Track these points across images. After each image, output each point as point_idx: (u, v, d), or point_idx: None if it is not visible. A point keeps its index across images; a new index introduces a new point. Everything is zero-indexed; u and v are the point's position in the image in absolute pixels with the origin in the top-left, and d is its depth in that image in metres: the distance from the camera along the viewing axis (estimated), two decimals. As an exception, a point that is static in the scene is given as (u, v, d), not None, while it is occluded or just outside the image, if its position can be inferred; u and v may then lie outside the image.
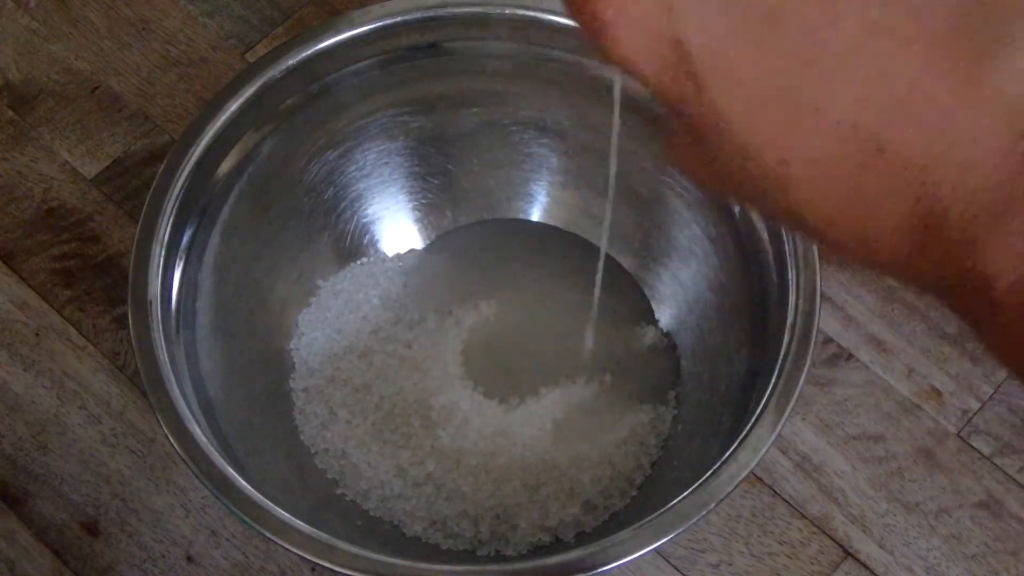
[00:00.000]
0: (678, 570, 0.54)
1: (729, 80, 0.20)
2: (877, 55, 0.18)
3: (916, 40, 0.18)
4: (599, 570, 0.42)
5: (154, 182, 0.49)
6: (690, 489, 0.43)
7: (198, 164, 0.50)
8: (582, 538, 0.52)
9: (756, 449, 0.44)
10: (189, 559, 0.55)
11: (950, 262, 0.19)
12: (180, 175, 0.49)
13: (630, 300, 0.58)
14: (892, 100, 0.18)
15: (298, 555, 0.42)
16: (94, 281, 0.61)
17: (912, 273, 0.20)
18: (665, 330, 0.57)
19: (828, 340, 0.59)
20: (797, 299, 0.46)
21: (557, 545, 0.52)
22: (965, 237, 0.18)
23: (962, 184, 0.18)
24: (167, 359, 0.46)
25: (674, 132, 0.22)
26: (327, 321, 0.57)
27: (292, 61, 0.52)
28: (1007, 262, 0.18)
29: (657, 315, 0.58)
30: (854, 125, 0.19)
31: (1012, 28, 0.18)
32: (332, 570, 0.42)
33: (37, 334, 0.59)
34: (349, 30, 0.52)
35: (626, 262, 0.59)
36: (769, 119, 0.19)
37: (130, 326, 0.46)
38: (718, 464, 0.44)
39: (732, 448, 0.44)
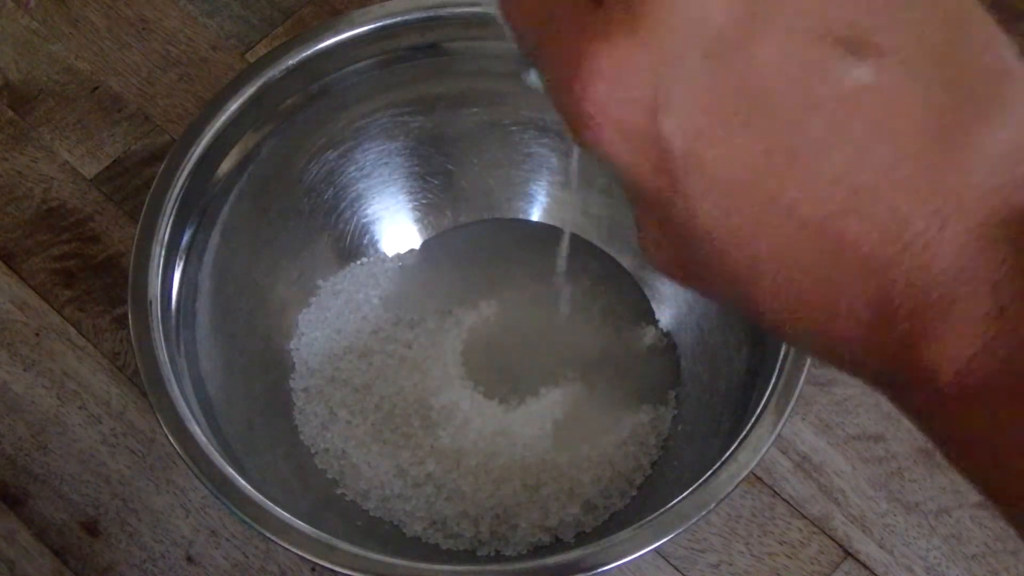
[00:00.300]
0: (678, 570, 0.54)
1: (705, 178, 0.20)
2: (844, 158, 0.19)
3: (875, 147, 0.19)
4: (599, 570, 0.42)
5: (154, 182, 0.49)
6: (690, 489, 0.43)
7: (198, 164, 0.50)
8: (582, 538, 0.52)
9: (756, 449, 0.44)
10: (189, 559, 0.55)
11: (902, 352, 0.20)
12: (180, 175, 0.49)
13: (630, 300, 0.58)
14: (855, 202, 0.19)
15: (298, 555, 0.42)
16: (94, 281, 0.61)
17: (865, 363, 0.21)
18: (665, 330, 0.57)
19: (828, 340, 0.59)
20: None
21: (557, 545, 0.52)
22: (915, 329, 0.20)
23: (914, 281, 0.19)
24: (167, 359, 0.46)
25: (646, 227, 0.23)
26: (327, 321, 0.57)
27: (292, 61, 0.52)
28: (950, 352, 0.19)
29: (657, 315, 0.58)
30: (821, 221, 0.20)
31: (978, 127, 0.19)
32: (332, 570, 0.42)
33: (37, 334, 0.59)
34: (349, 30, 0.52)
35: (626, 262, 0.59)
36: (741, 216, 0.20)
37: (130, 326, 0.46)
38: (718, 464, 0.44)
39: (732, 448, 0.44)
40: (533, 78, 0.24)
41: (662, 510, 0.43)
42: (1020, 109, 0.19)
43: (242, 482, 0.43)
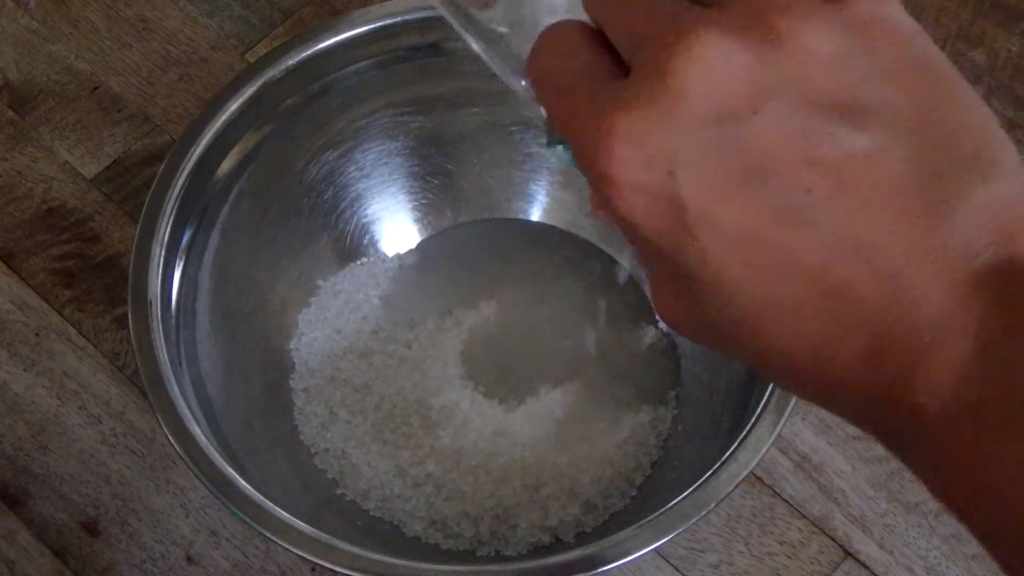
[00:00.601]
0: (678, 570, 0.54)
1: (717, 233, 0.22)
2: (842, 213, 0.21)
3: (873, 203, 0.21)
4: (599, 570, 0.42)
5: (154, 182, 0.49)
6: (690, 489, 0.43)
7: (198, 164, 0.50)
8: (582, 538, 0.52)
9: (756, 449, 0.44)
10: (189, 559, 0.55)
11: (892, 391, 0.22)
12: (180, 175, 0.49)
13: (630, 300, 0.58)
14: (854, 252, 0.21)
15: (298, 555, 0.42)
16: (94, 281, 0.61)
17: (857, 404, 0.23)
18: (665, 330, 0.57)
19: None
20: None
21: (557, 545, 0.52)
22: (905, 371, 0.21)
23: (906, 324, 0.21)
24: (167, 359, 0.46)
25: (660, 285, 0.25)
26: (327, 321, 0.57)
27: (292, 61, 0.52)
28: (937, 392, 0.21)
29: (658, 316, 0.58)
30: (822, 270, 0.22)
31: (963, 186, 0.21)
32: (332, 570, 0.42)
33: (37, 334, 0.59)
34: (349, 30, 0.52)
35: (626, 261, 0.59)
36: (750, 267, 0.22)
37: (130, 326, 0.46)
38: (718, 464, 0.44)
39: (732, 448, 0.44)
40: (560, 152, 0.27)
41: (662, 510, 0.43)
42: (1001, 168, 0.21)
43: (242, 482, 0.43)
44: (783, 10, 0.22)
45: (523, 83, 0.28)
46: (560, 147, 0.27)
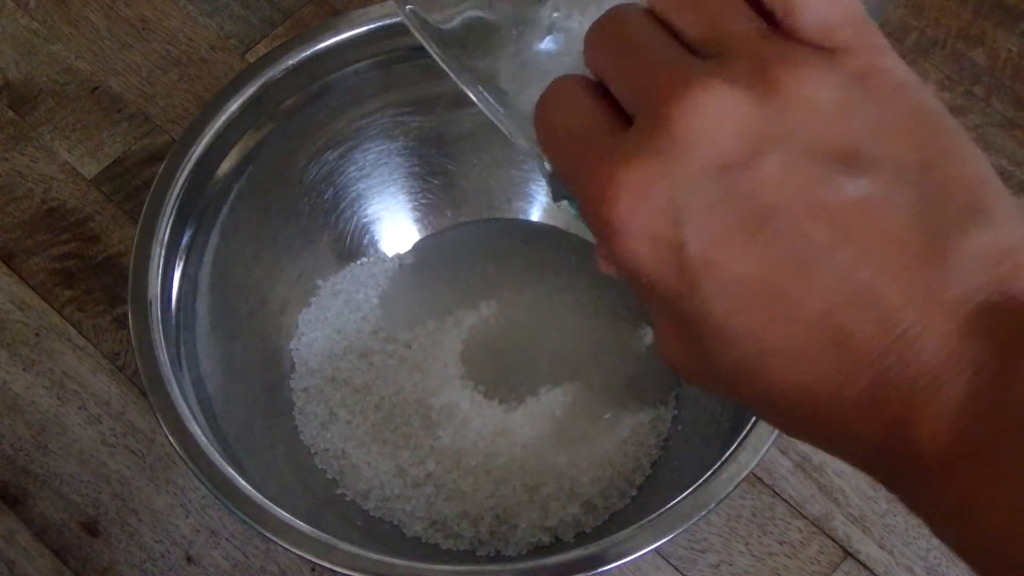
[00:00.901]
0: (678, 570, 0.54)
1: (719, 279, 0.23)
2: (842, 260, 0.22)
3: (873, 250, 0.22)
4: (599, 570, 0.42)
5: (154, 182, 0.49)
6: (690, 489, 0.43)
7: (198, 164, 0.50)
8: (582, 538, 0.52)
9: (756, 449, 0.44)
10: (189, 559, 0.55)
11: (892, 432, 0.22)
12: (180, 175, 0.50)
13: (630, 300, 0.58)
14: (855, 297, 0.22)
15: (298, 555, 0.42)
16: (94, 281, 0.61)
17: (857, 446, 0.23)
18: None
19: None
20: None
21: (557, 545, 0.52)
22: (904, 412, 0.22)
23: (905, 369, 0.22)
24: (167, 359, 0.46)
25: (663, 330, 0.25)
26: (327, 321, 0.57)
27: (292, 61, 0.52)
28: (935, 432, 0.22)
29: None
30: (823, 316, 0.22)
31: (960, 233, 0.22)
32: (332, 570, 0.42)
33: (37, 334, 0.59)
34: (349, 30, 0.52)
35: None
36: (751, 313, 0.23)
37: (130, 326, 0.46)
38: (718, 464, 0.44)
39: (732, 448, 0.44)
40: (565, 205, 0.28)
41: (662, 510, 0.43)
42: (995, 215, 0.22)
43: (242, 482, 0.43)
44: (783, 61, 0.22)
45: (527, 139, 0.28)
46: (565, 201, 0.28)
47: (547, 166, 0.27)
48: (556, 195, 0.28)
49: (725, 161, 0.22)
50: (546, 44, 0.28)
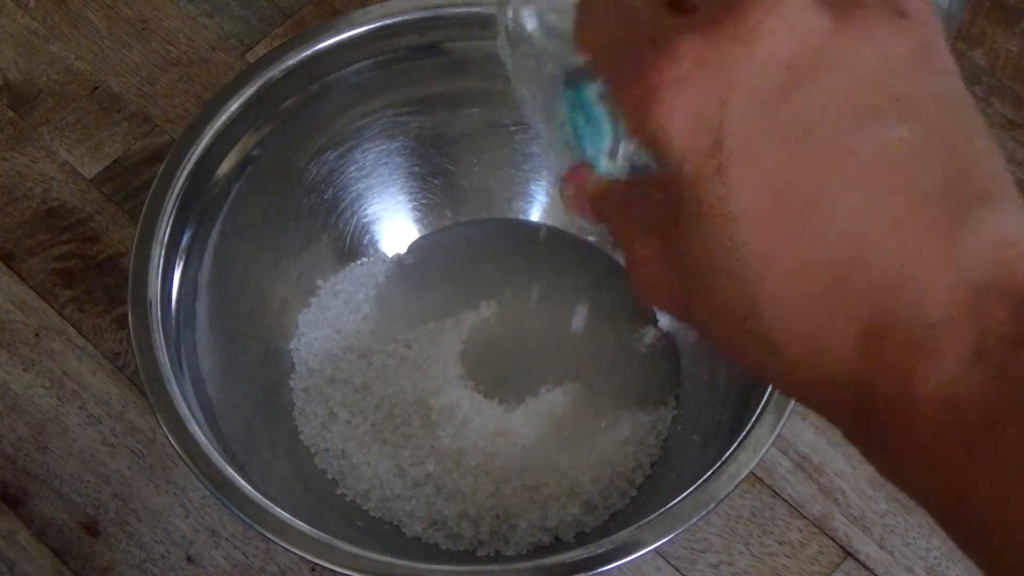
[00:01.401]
0: (678, 570, 0.54)
1: (749, 174, 0.23)
2: (869, 196, 0.22)
3: (898, 198, 0.22)
4: (599, 570, 0.42)
5: (154, 182, 0.49)
6: (690, 489, 0.43)
7: (198, 164, 0.50)
8: (582, 538, 0.52)
9: (756, 449, 0.44)
10: (189, 559, 0.55)
11: (885, 380, 0.22)
12: (180, 175, 0.50)
13: (630, 300, 0.58)
14: (876, 233, 0.22)
15: (298, 555, 0.42)
16: (94, 281, 0.61)
17: (846, 399, 0.23)
18: (665, 330, 0.57)
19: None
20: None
21: (557, 545, 0.52)
22: (901, 360, 0.22)
23: (908, 314, 0.22)
24: (167, 359, 0.46)
25: (664, 248, 0.25)
26: (327, 321, 0.57)
27: (292, 61, 0.52)
28: (930, 387, 0.21)
29: (657, 315, 0.58)
30: (840, 239, 0.22)
31: (974, 212, 0.22)
32: (332, 570, 0.42)
33: (37, 334, 0.59)
34: (349, 30, 0.52)
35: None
36: (767, 219, 0.23)
37: (130, 326, 0.46)
38: (718, 464, 0.44)
39: (732, 448, 0.44)
40: (571, 96, 0.27)
41: (662, 510, 0.43)
42: (1006, 207, 0.22)
43: (242, 482, 0.43)
44: (867, 2, 0.23)
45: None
46: (575, 89, 0.27)
47: (574, 57, 0.26)
48: (570, 80, 0.27)
49: (791, 63, 0.22)
50: None
